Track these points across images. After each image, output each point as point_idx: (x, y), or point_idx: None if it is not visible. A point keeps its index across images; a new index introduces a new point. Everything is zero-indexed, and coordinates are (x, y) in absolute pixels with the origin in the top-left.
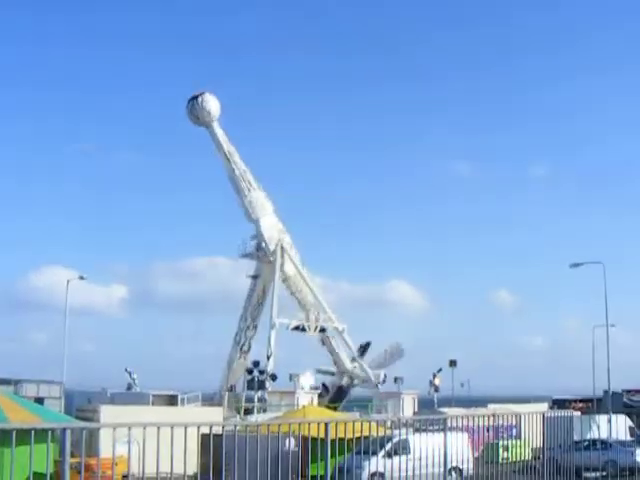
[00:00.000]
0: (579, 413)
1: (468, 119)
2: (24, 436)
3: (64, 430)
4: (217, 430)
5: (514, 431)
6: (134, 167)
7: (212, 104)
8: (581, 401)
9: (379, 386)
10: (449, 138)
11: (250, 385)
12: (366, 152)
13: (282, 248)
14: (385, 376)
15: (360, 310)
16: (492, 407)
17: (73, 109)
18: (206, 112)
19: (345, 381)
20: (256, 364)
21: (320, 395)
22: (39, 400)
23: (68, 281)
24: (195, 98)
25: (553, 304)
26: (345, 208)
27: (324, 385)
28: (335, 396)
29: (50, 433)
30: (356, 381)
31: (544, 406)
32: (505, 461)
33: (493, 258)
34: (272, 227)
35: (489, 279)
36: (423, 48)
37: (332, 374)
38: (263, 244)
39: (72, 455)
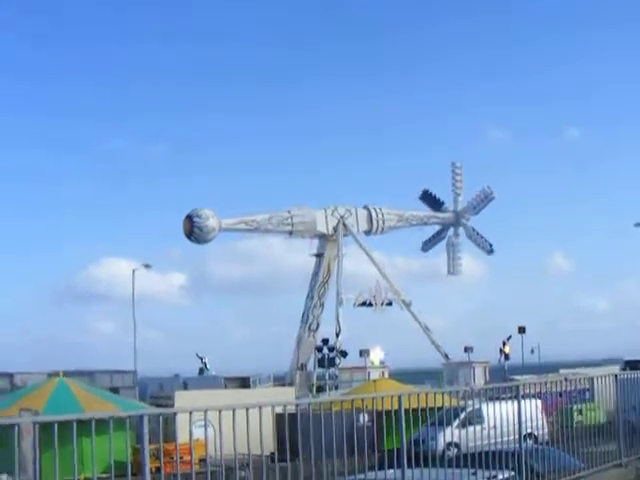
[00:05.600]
0: None
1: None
2: (101, 425)
3: (141, 417)
4: (291, 409)
5: (587, 395)
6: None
7: (210, 220)
8: None
9: (449, 356)
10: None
11: (320, 363)
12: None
13: (344, 225)
14: None
15: (418, 284)
16: (564, 372)
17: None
18: (211, 230)
19: None
20: (325, 342)
21: None
22: (113, 390)
23: (134, 270)
24: (191, 224)
25: (613, 266)
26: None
27: None
28: None
29: (128, 421)
30: None
31: (616, 368)
32: (579, 425)
33: (548, 223)
34: (327, 219)
35: (544, 244)
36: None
37: None
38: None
39: (150, 442)
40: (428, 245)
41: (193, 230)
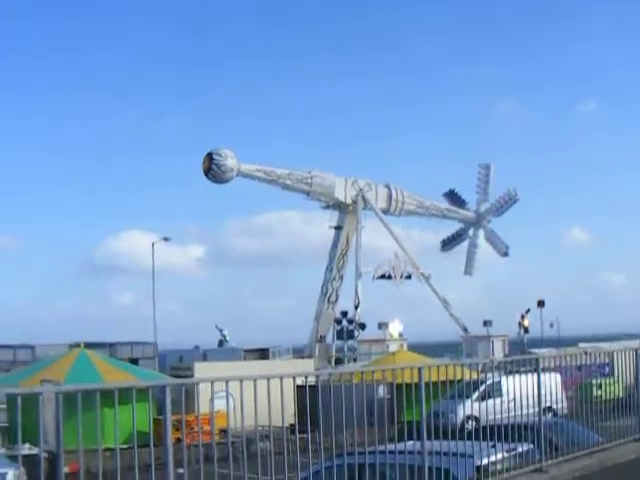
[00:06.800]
0: None
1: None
2: (123, 396)
3: (164, 387)
4: (311, 381)
5: (606, 369)
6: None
7: (229, 160)
8: None
9: (467, 329)
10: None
11: (339, 335)
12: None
13: (363, 198)
14: None
15: (437, 258)
16: (583, 346)
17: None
18: (229, 170)
19: None
20: (344, 314)
21: None
22: (133, 361)
23: (153, 243)
24: (210, 162)
25: (633, 239)
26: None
27: None
28: None
29: (150, 391)
30: None
31: (636, 343)
32: (598, 399)
33: (562, 194)
34: (346, 188)
35: (561, 217)
36: None
37: None
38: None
39: (171, 413)
40: (448, 246)
41: (211, 167)
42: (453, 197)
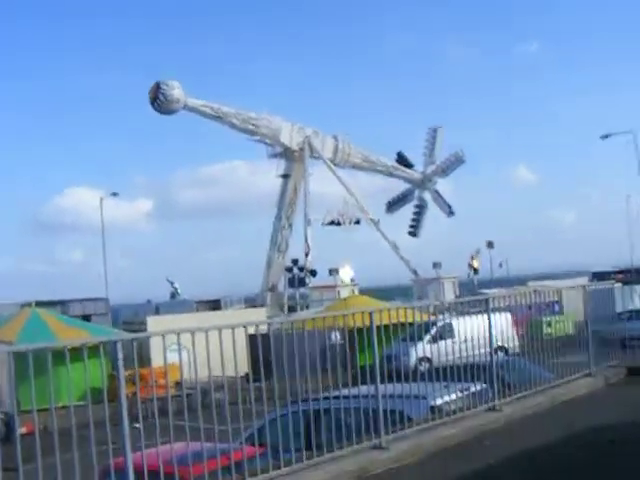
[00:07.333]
0: (620, 284)
1: None
2: (75, 353)
3: (115, 342)
4: (263, 330)
5: (556, 307)
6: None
7: (176, 91)
8: (620, 272)
9: (417, 272)
10: None
11: (291, 283)
12: None
13: (310, 145)
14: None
15: (383, 202)
16: (532, 285)
17: None
18: (175, 100)
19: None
20: (295, 262)
21: None
22: (86, 318)
23: (101, 199)
24: (157, 91)
25: (579, 177)
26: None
27: None
28: None
29: (102, 347)
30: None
31: (584, 280)
32: (548, 337)
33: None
34: (292, 133)
35: (509, 160)
36: None
37: None
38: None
39: (124, 368)
40: (393, 207)
41: (158, 96)
42: (400, 160)
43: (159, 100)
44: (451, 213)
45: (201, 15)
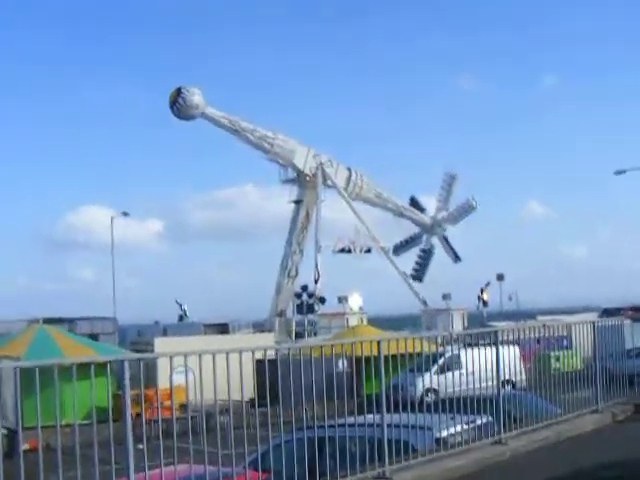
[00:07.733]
0: (629, 321)
1: None
2: (82, 371)
3: (122, 362)
4: (271, 355)
5: (565, 342)
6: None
7: (196, 97)
8: (632, 309)
9: (427, 303)
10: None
11: (299, 309)
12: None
13: (323, 172)
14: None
15: (397, 233)
16: (541, 319)
17: None
18: (194, 106)
19: None
20: (304, 288)
21: None
22: (93, 337)
23: (112, 218)
24: (178, 95)
25: (593, 212)
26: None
27: None
28: None
29: (109, 366)
30: None
31: (594, 316)
32: (557, 372)
33: (526, 173)
34: (307, 158)
35: (522, 193)
36: None
37: None
38: (305, 172)
39: (130, 388)
40: (400, 250)
41: (177, 100)
42: (413, 204)
43: (178, 104)
44: (457, 259)
45: (217, 29)
